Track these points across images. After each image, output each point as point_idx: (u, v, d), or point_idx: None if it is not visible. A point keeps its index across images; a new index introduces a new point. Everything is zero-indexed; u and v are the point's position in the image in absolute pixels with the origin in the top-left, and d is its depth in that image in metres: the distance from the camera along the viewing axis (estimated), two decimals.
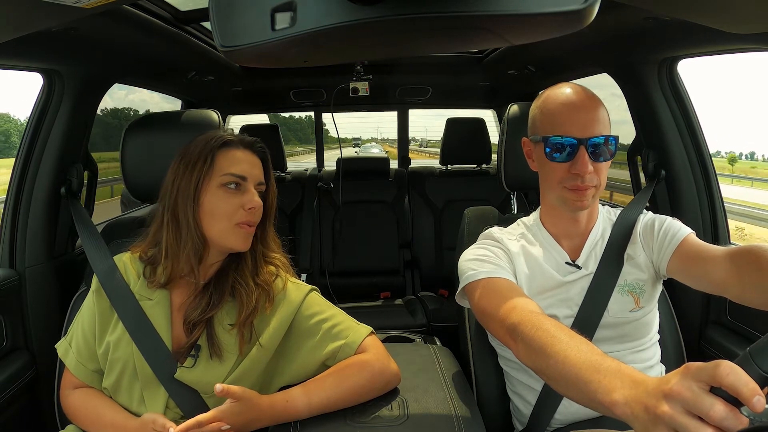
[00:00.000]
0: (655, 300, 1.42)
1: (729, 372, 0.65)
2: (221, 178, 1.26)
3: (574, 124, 1.31)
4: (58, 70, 1.80)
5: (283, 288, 1.33)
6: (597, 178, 1.32)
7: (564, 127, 1.31)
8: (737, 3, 0.89)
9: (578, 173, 1.30)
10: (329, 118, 3.67)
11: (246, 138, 1.34)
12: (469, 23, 0.70)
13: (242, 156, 1.30)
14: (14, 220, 1.84)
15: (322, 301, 1.37)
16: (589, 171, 1.30)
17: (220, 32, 0.73)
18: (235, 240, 1.27)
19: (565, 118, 1.32)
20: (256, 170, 1.31)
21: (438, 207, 3.57)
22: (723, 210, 1.97)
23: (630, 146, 2.18)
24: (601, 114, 1.32)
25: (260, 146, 1.36)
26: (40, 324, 1.83)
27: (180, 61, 2.41)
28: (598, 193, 1.36)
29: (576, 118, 1.31)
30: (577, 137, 1.30)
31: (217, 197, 1.25)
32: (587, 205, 1.36)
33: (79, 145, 1.97)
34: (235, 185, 1.26)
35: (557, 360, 0.94)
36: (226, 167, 1.26)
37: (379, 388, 1.27)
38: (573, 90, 1.34)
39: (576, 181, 1.32)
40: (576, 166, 1.30)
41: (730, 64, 34.78)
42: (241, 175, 1.27)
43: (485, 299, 1.26)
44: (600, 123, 1.31)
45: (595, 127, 1.30)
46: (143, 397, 1.25)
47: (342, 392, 1.21)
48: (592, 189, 1.33)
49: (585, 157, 1.29)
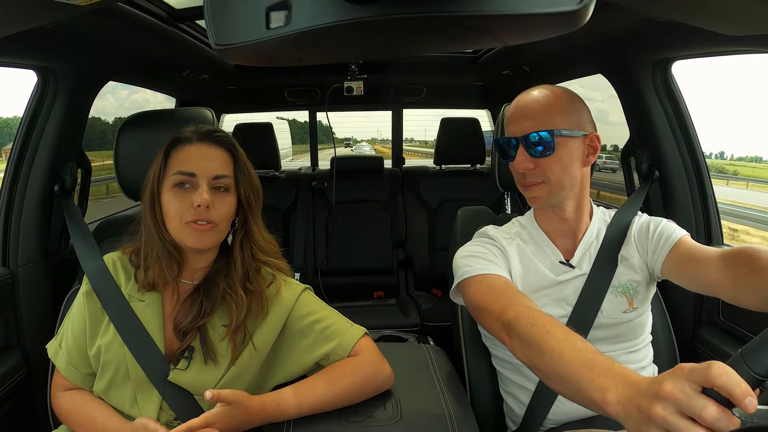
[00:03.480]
0: (648, 301, 1.43)
1: (721, 373, 0.65)
2: (171, 178, 1.22)
3: (516, 124, 1.35)
4: (52, 67, 1.79)
5: (277, 291, 1.31)
6: (543, 174, 1.33)
7: (509, 128, 1.37)
8: (731, 5, 0.90)
9: (516, 171, 1.36)
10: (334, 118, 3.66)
11: (202, 129, 1.28)
12: (464, 23, 0.70)
13: (195, 151, 1.24)
14: (7, 218, 1.83)
15: (315, 301, 1.35)
16: (527, 167, 1.33)
17: (215, 30, 0.73)
18: (189, 239, 1.22)
19: (510, 120, 1.37)
20: (213, 163, 1.24)
21: (432, 207, 3.57)
22: (716, 211, 1.97)
23: (624, 147, 2.19)
24: (545, 111, 1.32)
25: (218, 135, 1.28)
26: (33, 322, 1.82)
27: (174, 59, 2.40)
28: (553, 188, 1.35)
29: (518, 119, 1.35)
30: (516, 136, 1.34)
31: (170, 198, 1.22)
32: (542, 201, 1.37)
33: (72, 143, 1.96)
34: (185, 183, 1.22)
35: (551, 356, 0.95)
36: (177, 166, 1.23)
37: (371, 391, 1.26)
38: (528, 93, 1.37)
39: (522, 178, 1.36)
40: (513, 164, 1.36)
41: (698, 67, 34.59)
42: (188, 172, 1.22)
43: (480, 295, 1.27)
44: (538, 119, 1.32)
45: (531, 124, 1.32)
46: (136, 399, 1.24)
47: (333, 395, 1.21)
48: (540, 185, 1.35)
49: (521, 155, 1.33)
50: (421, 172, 3.69)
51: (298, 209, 3.53)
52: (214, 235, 1.25)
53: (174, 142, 1.26)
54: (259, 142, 3.44)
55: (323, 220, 3.50)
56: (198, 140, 1.26)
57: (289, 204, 3.55)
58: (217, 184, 1.24)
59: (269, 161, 3.54)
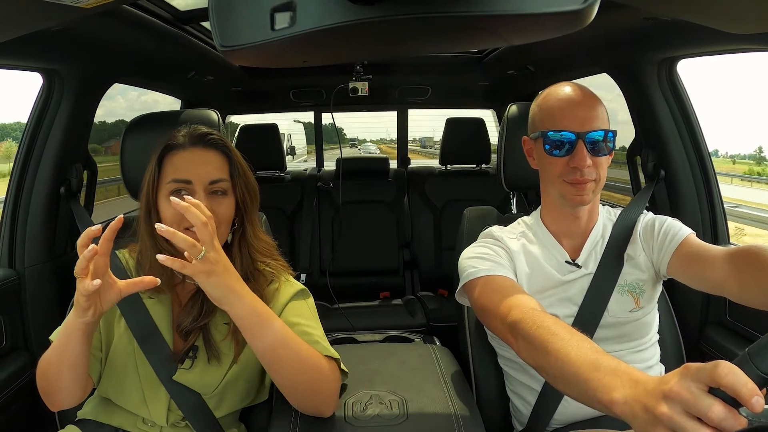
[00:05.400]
0: (654, 300, 1.43)
1: (728, 372, 0.65)
2: (167, 186, 1.21)
3: (572, 119, 1.32)
4: (58, 69, 1.80)
5: (276, 289, 1.30)
6: (596, 172, 1.33)
7: (563, 122, 1.32)
8: (737, 3, 0.89)
9: (577, 167, 1.31)
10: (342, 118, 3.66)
11: (195, 132, 1.26)
12: (469, 23, 0.70)
13: (189, 156, 1.23)
14: (14, 220, 1.84)
15: (306, 311, 1.30)
16: (588, 165, 1.30)
17: (220, 32, 0.73)
18: None
19: (563, 113, 1.33)
20: (208, 167, 1.22)
21: (437, 207, 3.57)
22: (722, 210, 1.97)
23: (629, 146, 2.19)
24: (599, 110, 1.33)
25: (212, 138, 1.26)
26: (40, 324, 1.83)
27: (179, 61, 2.41)
28: (598, 188, 1.36)
29: (574, 114, 1.32)
30: (576, 132, 1.31)
31: (167, 206, 1.20)
32: (588, 200, 1.35)
33: (78, 145, 1.97)
34: (182, 191, 1.19)
35: (557, 357, 0.94)
36: (171, 173, 1.21)
37: (306, 389, 1.17)
38: (571, 87, 1.36)
39: (575, 174, 1.32)
40: (574, 159, 1.31)
41: (694, 67, 34.49)
42: (184, 180, 1.20)
43: (485, 296, 1.27)
44: (598, 118, 1.32)
45: (593, 122, 1.31)
46: (145, 397, 1.24)
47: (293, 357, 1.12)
48: (591, 183, 1.33)
49: (583, 151, 1.30)
50: (426, 173, 3.69)
51: (304, 210, 3.53)
52: (224, 241, 1.25)
53: (167, 149, 1.24)
54: (264, 144, 3.46)
55: (329, 221, 3.50)
56: (191, 145, 1.24)
57: (294, 205, 3.56)
58: (214, 188, 1.23)
59: (274, 162, 3.54)
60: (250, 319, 1.08)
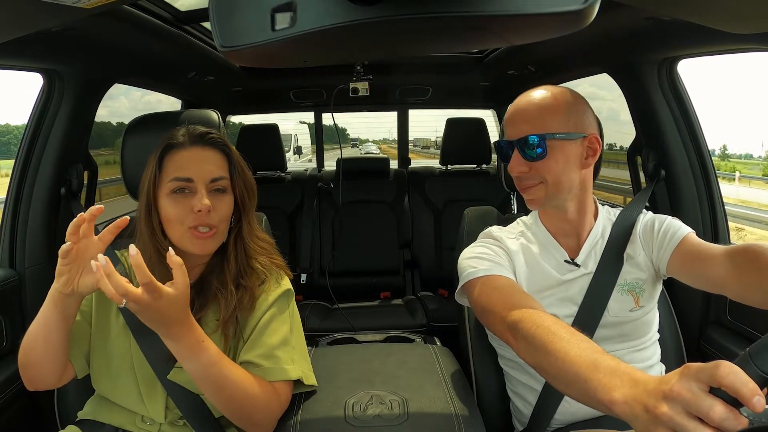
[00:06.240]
0: (655, 299, 1.42)
1: (729, 372, 0.65)
2: (168, 184, 1.22)
3: (513, 127, 1.36)
4: (58, 70, 1.80)
5: (265, 289, 1.30)
6: (539, 175, 1.33)
7: (507, 131, 1.38)
8: (737, 3, 0.89)
9: (512, 173, 1.37)
10: (346, 119, 3.67)
11: (195, 131, 1.28)
12: (470, 23, 0.70)
13: (189, 155, 1.24)
14: (14, 221, 1.84)
15: (283, 323, 1.30)
16: (521, 170, 1.33)
17: (220, 32, 0.73)
18: (191, 245, 1.23)
19: (507, 123, 1.38)
20: (209, 166, 1.25)
21: (438, 207, 3.57)
22: (723, 210, 1.97)
23: (630, 146, 2.19)
24: (539, 113, 1.32)
25: (212, 137, 1.28)
26: None
27: (180, 61, 2.41)
28: (550, 189, 1.34)
29: (515, 122, 1.35)
30: (511, 139, 1.35)
31: (168, 204, 1.22)
32: (539, 202, 1.38)
33: (79, 145, 1.97)
34: (184, 189, 1.22)
35: (557, 357, 0.94)
36: (172, 172, 1.23)
37: (242, 415, 1.18)
38: (526, 96, 1.37)
39: (518, 181, 1.38)
40: (508, 167, 1.37)
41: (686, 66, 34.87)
42: (186, 178, 1.22)
43: (485, 296, 1.27)
44: (532, 123, 1.32)
45: (526, 127, 1.32)
46: (142, 396, 1.24)
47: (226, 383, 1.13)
48: (537, 186, 1.35)
49: (517, 158, 1.34)
50: (427, 173, 3.69)
51: (304, 210, 3.53)
52: (215, 241, 1.26)
53: (167, 148, 1.25)
54: (264, 144, 3.46)
55: (329, 221, 3.50)
56: (192, 144, 1.26)
57: (295, 205, 3.56)
58: (215, 186, 1.25)
59: (274, 162, 3.55)
60: (177, 352, 1.11)
